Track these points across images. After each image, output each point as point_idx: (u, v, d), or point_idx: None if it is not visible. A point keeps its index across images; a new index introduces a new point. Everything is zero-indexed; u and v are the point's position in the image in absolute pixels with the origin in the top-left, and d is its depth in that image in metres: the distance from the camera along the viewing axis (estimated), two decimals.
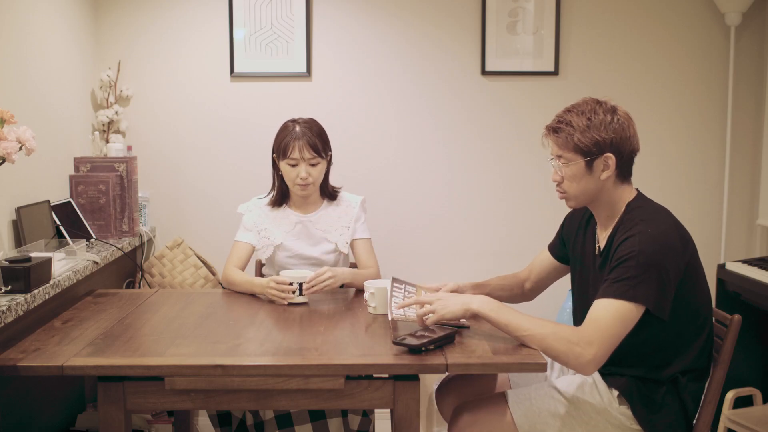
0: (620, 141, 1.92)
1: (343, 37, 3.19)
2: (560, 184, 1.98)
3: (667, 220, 1.91)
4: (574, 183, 1.95)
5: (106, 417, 1.84)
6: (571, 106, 1.96)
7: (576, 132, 1.90)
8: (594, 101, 1.95)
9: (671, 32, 3.21)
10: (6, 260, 1.97)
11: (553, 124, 1.95)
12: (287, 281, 2.30)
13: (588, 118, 1.90)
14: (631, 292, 1.78)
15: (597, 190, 1.95)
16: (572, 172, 1.93)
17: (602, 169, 1.92)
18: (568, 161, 1.93)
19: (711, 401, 1.96)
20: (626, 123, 1.94)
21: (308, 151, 2.48)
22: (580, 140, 1.89)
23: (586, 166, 1.92)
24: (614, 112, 1.93)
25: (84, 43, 3.01)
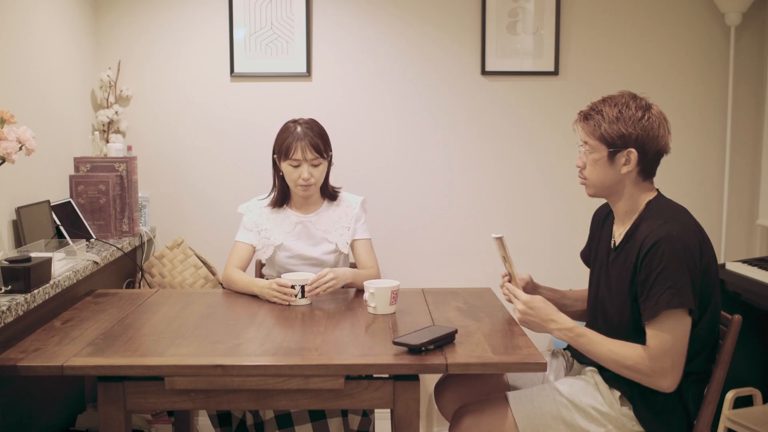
0: (646, 138, 1.93)
1: (343, 37, 3.19)
2: (582, 170, 2.02)
3: (688, 221, 1.92)
4: (595, 171, 1.97)
5: (106, 417, 1.84)
6: (608, 96, 2.00)
7: (604, 122, 1.93)
8: (630, 95, 1.98)
9: (671, 32, 3.21)
10: (6, 260, 1.97)
11: (586, 110, 1.99)
12: (289, 284, 2.30)
13: (619, 111, 1.93)
14: (677, 300, 1.78)
15: (616, 182, 1.97)
16: (594, 160, 1.96)
17: (624, 163, 1.94)
18: (592, 149, 1.96)
19: (711, 401, 1.96)
20: (657, 122, 1.95)
21: (310, 152, 2.48)
22: (606, 130, 1.93)
23: (608, 157, 1.94)
24: (647, 109, 1.96)
25: (84, 43, 3.01)
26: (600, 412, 1.92)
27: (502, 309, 2.28)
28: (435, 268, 3.27)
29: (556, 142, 3.24)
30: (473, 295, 2.47)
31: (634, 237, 1.92)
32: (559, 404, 1.94)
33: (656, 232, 1.84)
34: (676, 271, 1.79)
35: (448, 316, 2.20)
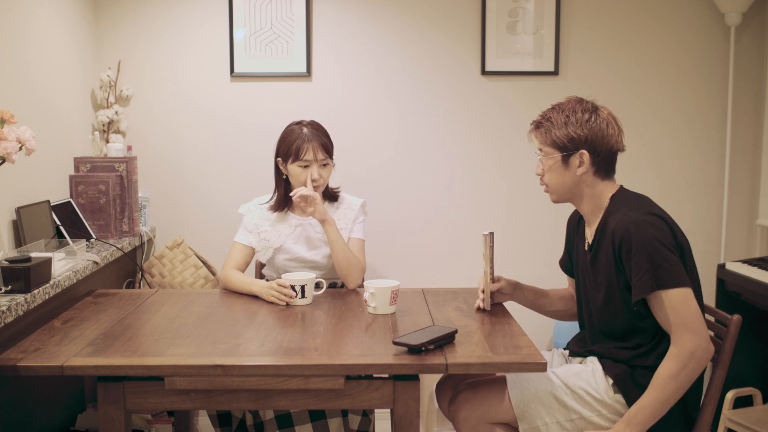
0: (595, 139, 1.98)
1: (343, 37, 3.19)
2: (542, 178, 2.08)
3: (651, 207, 1.97)
4: (553, 177, 2.04)
5: (106, 417, 1.84)
6: (557, 104, 2.07)
7: (554, 128, 2.01)
8: (576, 100, 2.04)
9: (671, 32, 3.21)
10: (6, 260, 1.97)
11: (538, 119, 2.07)
12: (288, 285, 2.30)
13: (567, 116, 2.00)
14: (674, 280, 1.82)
15: (575, 184, 2.02)
16: (550, 166, 2.03)
17: (578, 164, 2.00)
18: (547, 155, 2.04)
19: (711, 401, 1.97)
20: (605, 122, 2.00)
21: (321, 152, 2.49)
22: (556, 135, 2.00)
23: (562, 161, 2.01)
24: (594, 111, 2.01)
25: (84, 43, 3.01)
26: (593, 398, 1.94)
27: (503, 309, 2.28)
28: (435, 268, 3.27)
29: None
30: (473, 295, 2.47)
31: (605, 233, 1.97)
32: (554, 386, 1.96)
33: (623, 222, 1.90)
34: (654, 251, 1.84)
35: (448, 316, 2.20)
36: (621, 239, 1.89)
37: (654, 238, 1.85)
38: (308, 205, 2.45)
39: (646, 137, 3.26)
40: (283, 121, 2.67)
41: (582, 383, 1.95)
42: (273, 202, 2.62)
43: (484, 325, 2.11)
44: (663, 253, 1.84)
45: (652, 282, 1.83)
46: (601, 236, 1.99)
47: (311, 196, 2.44)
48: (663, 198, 3.33)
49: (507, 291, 2.27)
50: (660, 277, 1.82)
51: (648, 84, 3.24)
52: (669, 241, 1.87)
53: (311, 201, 2.45)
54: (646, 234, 1.85)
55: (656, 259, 1.83)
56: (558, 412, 1.94)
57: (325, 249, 2.56)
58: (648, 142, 3.26)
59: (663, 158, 3.27)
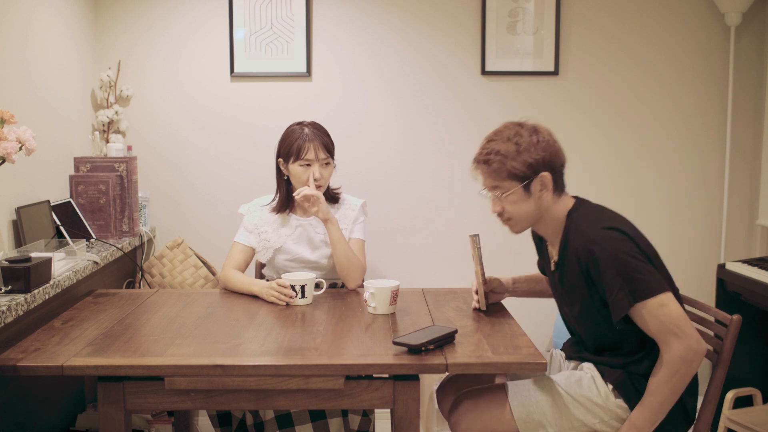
0: (551, 157, 1.95)
1: (343, 37, 3.19)
2: (501, 214, 2.01)
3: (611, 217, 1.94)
4: (516, 209, 1.97)
5: (106, 417, 1.84)
6: (493, 134, 1.98)
7: (507, 159, 1.92)
8: (514, 124, 1.98)
9: (671, 32, 3.21)
10: (6, 260, 1.97)
11: (482, 156, 1.97)
12: (288, 285, 2.30)
13: (515, 143, 1.93)
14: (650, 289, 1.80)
15: (538, 210, 1.97)
16: (513, 200, 1.96)
17: (540, 189, 1.95)
18: (507, 190, 1.95)
19: (711, 401, 1.97)
20: (551, 138, 1.97)
21: (322, 152, 2.50)
22: (513, 167, 1.92)
23: (523, 191, 1.94)
24: (536, 131, 1.96)
25: (84, 43, 3.01)
26: (595, 404, 1.93)
27: (502, 309, 2.28)
28: (435, 268, 3.27)
29: None
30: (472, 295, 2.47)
31: (568, 252, 1.94)
32: (554, 394, 1.95)
33: (583, 242, 1.86)
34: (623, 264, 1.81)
35: (448, 316, 2.20)
36: (586, 260, 1.86)
37: (619, 252, 1.82)
38: (312, 204, 2.45)
39: (646, 137, 3.26)
40: (283, 121, 2.67)
41: (584, 391, 1.94)
42: (275, 204, 2.61)
43: (484, 325, 2.11)
44: (632, 264, 1.81)
45: (629, 297, 1.80)
46: (565, 256, 1.96)
47: (315, 195, 2.44)
48: (663, 198, 3.35)
49: (501, 290, 2.27)
50: (635, 290, 1.80)
51: (648, 84, 3.24)
52: (634, 250, 1.83)
53: (315, 200, 2.45)
54: (610, 250, 1.82)
55: (627, 273, 1.80)
56: (560, 421, 1.93)
57: (325, 249, 2.56)
58: (648, 142, 3.26)
59: (663, 158, 3.27)
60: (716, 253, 3.27)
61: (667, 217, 3.28)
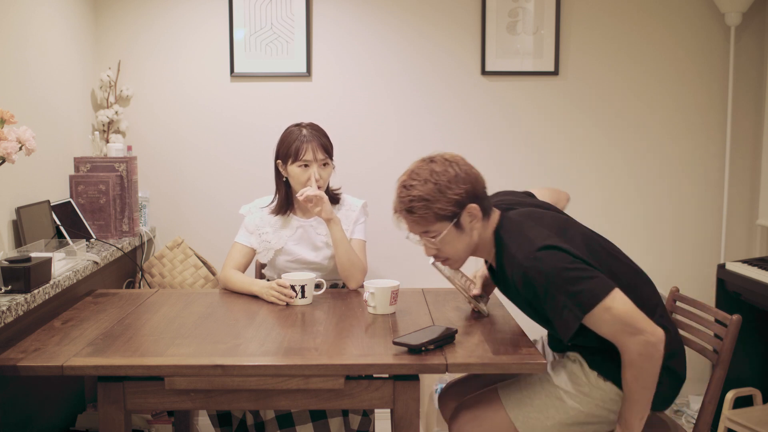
0: (473, 187, 1.90)
1: (343, 37, 3.19)
2: (437, 256, 1.97)
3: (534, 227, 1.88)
4: (453, 248, 1.93)
5: (106, 417, 1.84)
6: (407, 178, 1.91)
7: (431, 203, 1.86)
8: (426, 162, 1.92)
9: (671, 32, 3.21)
10: (6, 260, 1.97)
11: (404, 205, 1.90)
12: (288, 285, 2.30)
13: (434, 183, 1.86)
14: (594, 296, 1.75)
15: (473, 241, 1.94)
16: (447, 240, 1.91)
17: (470, 221, 1.90)
18: (438, 233, 1.90)
19: (711, 401, 1.97)
20: (465, 166, 1.92)
21: (320, 152, 2.50)
22: (440, 209, 1.86)
23: (455, 228, 1.89)
24: (451, 163, 1.91)
25: (84, 43, 3.01)
26: (586, 391, 1.92)
27: (502, 309, 2.28)
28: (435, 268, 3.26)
29: (556, 141, 3.24)
30: None
31: (504, 273, 1.92)
32: (547, 389, 1.94)
33: (517, 269, 1.82)
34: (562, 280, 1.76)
35: (448, 316, 2.20)
36: (524, 286, 1.83)
37: (555, 272, 1.76)
38: (315, 204, 2.45)
39: (646, 137, 3.26)
40: (283, 121, 2.67)
41: (574, 380, 1.94)
42: (274, 206, 2.61)
43: (484, 325, 2.11)
44: (572, 275, 1.76)
45: (575, 313, 1.75)
46: (503, 276, 1.93)
47: (317, 195, 2.44)
48: (663, 198, 3.35)
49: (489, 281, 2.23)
50: (580, 303, 1.75)
51: (648, 84, 3.24)
52: (569, 262, 1.78)
53: (318, 200, 2.44)
54: (546, 271, 1.77)
55: (569, 288, 1.75)
56: (558, 414, 1.93)
57: (326, 250, 2.56)
58: (648, 142, 3.26)
59: (663, 158, 3.27)
60: (716, 253, 3.27)
61: (668, 217, 3.28)
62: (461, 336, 1.97)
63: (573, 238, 1.89)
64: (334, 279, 2.60)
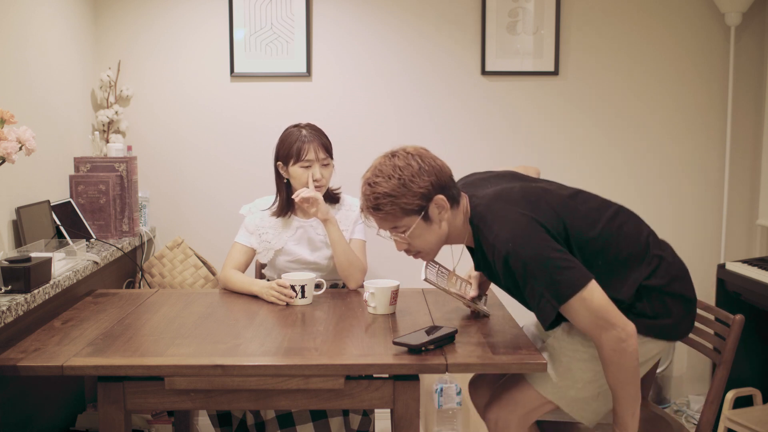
0: (438, 178, 1.88)
1: (343, 37, 3.19)
2: (409, 250, 1.96)
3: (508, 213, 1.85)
4: (423, 240, 1.91)
5: (106, 417, 1.84)
6: (371, 175, 1.90)
7: (397, 199, 1.84)
8: (387, 158, 1.91)
9: (671, 32, 3.21)
10: (6, 260, 1.97)
11: (370, 203, 1.88)
12: (288, 285, 2.30)
13: (398, 178, 1.85)
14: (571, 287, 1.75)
15: (443, 232, 1.92)
16: (416, 234, 1.90)
17: (438, 212, 1.89)
18: (407, 227, 1.89)
19: (713, 401, 1.97)
20: (429, 158, 1.90)
21: (321, 152, 2.50)
22: (406, 203, 1.85)
23: (424, 221, 1.88)
24: (413, 156, 1.89)
25: (84, 43, 3.01)
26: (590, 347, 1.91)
27: (502, 309, 2.28)
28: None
29: (556, 141, 3.24)
30: None
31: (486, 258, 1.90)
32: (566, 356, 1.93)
33: (497, 254, 1.81)
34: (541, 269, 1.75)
35: (448, 316, 2.20)
36: (504, 272, 1.82)
37: (531, 261, 1.75)
38: (311, 205, 2.46)
39: (646, 137, 3.26)
40: (283, 121, 2.67)
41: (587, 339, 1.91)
42: (275, 208, 2.61)
43: (484, 325, 2.11)
44: (549, 265, 1.75)
45: (552, 303, 1.75)
46: (486, 262, 1.92)
47: (313, 196, 2.44)
48: (663, 198, 3.35)
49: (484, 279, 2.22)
50: (557, 293, 1.75)
51: (648, 84, 3.24)
52: (547, 244, 1.77)
53: (313, 201, 2.45)
54: (523, 257, 1.76)
55: (546, 279, 1.75)
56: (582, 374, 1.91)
57: (326, 251, 2.56)
58: (648, 142, 3.26)
59: (663, 158, 3.27)
60: (716, 253, 3.27)
61: (668, 217, 3.28)
62: (461, 336, 1.97)
63: (546, 212, 1.85)
64: (334, 279, 2.60)
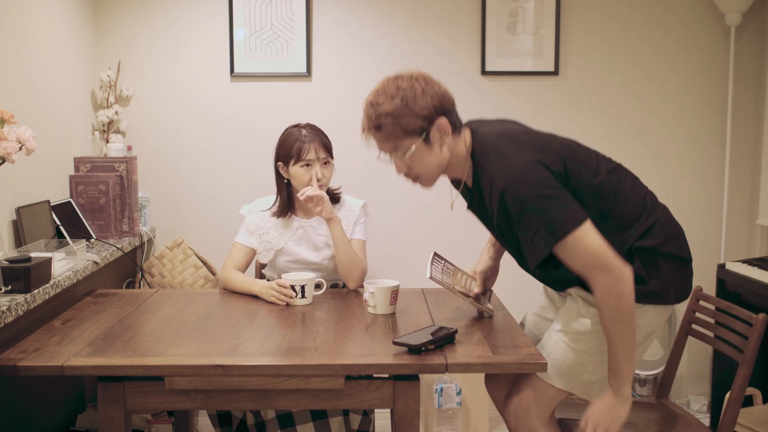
0: (441, 101, 1.86)
1: (343, 37, 3.19)
2: (408, 174, 1.93)
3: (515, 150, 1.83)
4: (423, 164, 1.89)
5: (106, 417, 1.84)
6: (373, 96, 1.89)
7: (399, 119, 1.83)
8: (391, 80, 1.89)
9: (671, 32, 3.21)
10: (6, 260, 1.97)
11: (372, 123, 1.87)
12: (288, 285, 2.30)
13: (401, 98, 1.83)
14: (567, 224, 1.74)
15: (443, 157, 1.89)
16: (417, 156, 1.87)
17: (440, 136, 1.86)
18: (407, 148, 1.86)
19: (736, 399, 1.98)
20: (433, 82, 1.88)
21: (322, 151, 2.50)
22: (408, 124, 1.83)
23: (425, 144, 1.86)
24: (417, 79, 1.86)
25: (84, 43, 3.01)
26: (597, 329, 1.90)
27: (502, 309, 2.28)
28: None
29: None
30: None
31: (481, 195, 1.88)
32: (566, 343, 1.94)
33: (495, 187, 1.79)
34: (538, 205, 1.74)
35: (448, 316, 2.20)
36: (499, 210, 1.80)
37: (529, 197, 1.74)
38: (316, 204, 2.45)
39: (646, 137, 3.26)
40: (283, 121, 2.67)
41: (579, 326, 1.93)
42: (276, 209, 2.61)
43: (484, 325, 2.11)
44: (547, 202, 1.74)
45: (547, 239, 1.74)
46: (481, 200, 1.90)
47: (318, 195, 2.44)
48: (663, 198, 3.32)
49: (490, 273, 2.23)
50: (553, 230, 1.73)
51: (648, 84, 3.24)
52: (548, 183, 1.76)
53: (318, 200, 2.45)
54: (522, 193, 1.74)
55: (543, 215, 1.74)
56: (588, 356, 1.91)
57: (326, 251, 2.56)
58: (648, 142, 3.26)
59: (663, 158, 3.27)
60: (716, 253, 3.27)
61: None
62: (461, 336, 1.97)
63: (549, 154, 1.84)
64: (334, 279, 2.60)
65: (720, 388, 2.91)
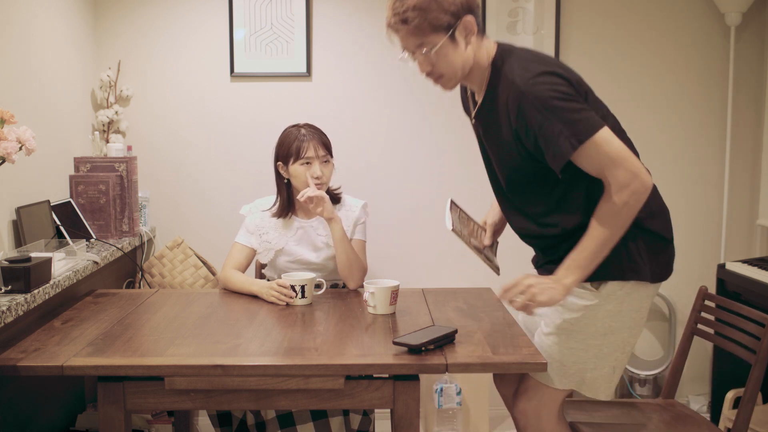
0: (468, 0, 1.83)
1: (342, 37, 3.19)
2: (431, 74, 1.90)
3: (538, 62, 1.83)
4: (447, 62, 1.85)
5: (106, 417, 1.84)
6: None
7: (427, 12, 1.79)
8: None
9: (671, 32, 3.21)
10: (6, 260, 1.97)
11: (398, 17, 1.84)
12: (288, 285, 2.30)
13: None
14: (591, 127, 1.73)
15: (468, 58, 1.86)
16: (442, 53, 1.83)
17: (465, 35, 1.83)
18: (433, 45, 1.82)
19: (750, 400, 1.99)
20: None
21: (321, 149, 2.51)
22: (435, 18, 1.79)
23: (450, 41, 1.82)
24: None
25: (84, 43, 3.01)
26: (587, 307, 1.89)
27: (502, 309, 2.28)
28: (435, 268, 3.27)
29: None
30: (473, 295, 2.47)
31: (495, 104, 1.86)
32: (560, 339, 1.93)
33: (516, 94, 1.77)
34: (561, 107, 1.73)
35: (448, 316, 2.20)
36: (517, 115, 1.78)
37: (552, 98, 1.72)
38: (316, 205, 2.45)
39: (646, 137, 3.26)
40: (283, 121, 2.67)
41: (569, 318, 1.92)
42: (276, 209, 2.61)
43: (484, 325, 2.11)
44: (568, 106, 1.73)
45: (572, 140, 1.72)
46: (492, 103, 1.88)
47: (318, 195, 2.44)
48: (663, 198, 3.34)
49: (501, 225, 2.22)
50: (576, 132, 1.72)
51: (648, 84, 3.24)
52: (569, 91, 1.75)
53: (319, 201, 2.44)
54: (545, 96, 1.73)
55: (566, 116, 1.72)
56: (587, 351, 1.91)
57: (326, 251, 2.56)
58: (648, 142, 3.26)
59: (663, 158, 3.26)
60: (716, 253, 3.27)
61: None
62: (461, 336, 1.97)
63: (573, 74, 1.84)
64: (334, 279, 2.60)
65: (720, 389, 2.91)
